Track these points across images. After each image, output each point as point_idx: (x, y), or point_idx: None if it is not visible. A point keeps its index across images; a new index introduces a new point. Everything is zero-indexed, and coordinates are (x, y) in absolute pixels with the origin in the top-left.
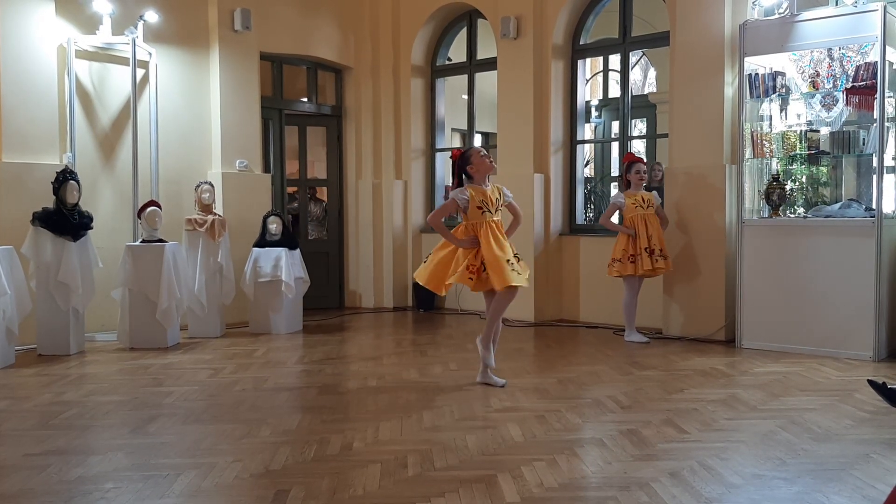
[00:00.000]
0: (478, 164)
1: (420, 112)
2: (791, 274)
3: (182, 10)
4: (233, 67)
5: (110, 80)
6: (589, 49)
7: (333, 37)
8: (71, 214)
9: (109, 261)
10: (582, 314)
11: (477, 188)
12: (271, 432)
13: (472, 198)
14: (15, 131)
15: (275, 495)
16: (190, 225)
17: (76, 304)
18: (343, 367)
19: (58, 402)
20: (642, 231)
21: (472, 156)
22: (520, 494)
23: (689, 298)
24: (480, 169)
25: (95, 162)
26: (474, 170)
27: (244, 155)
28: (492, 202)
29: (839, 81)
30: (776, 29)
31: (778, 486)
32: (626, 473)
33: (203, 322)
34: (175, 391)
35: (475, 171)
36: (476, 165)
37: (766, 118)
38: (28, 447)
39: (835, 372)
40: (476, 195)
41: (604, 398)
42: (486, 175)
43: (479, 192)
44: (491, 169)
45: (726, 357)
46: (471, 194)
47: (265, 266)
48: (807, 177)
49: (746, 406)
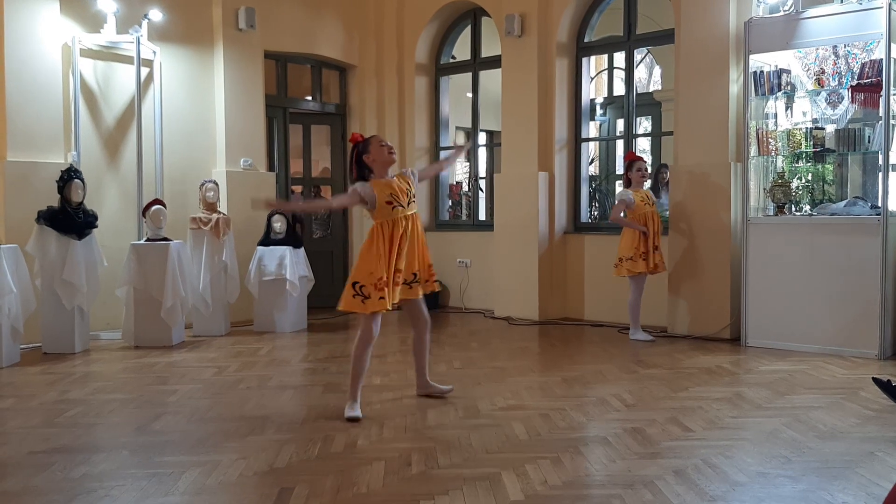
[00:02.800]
0: (375, 154)
1: (424, 110)
2: (796, 272)
3: (186, 9)
4: (237, 66)
5: (115, 79)
6: (593, 47)
7: (338, 35)
8: (76, 213)
9: (114, 259)
10: (587, 312)
11: (380, 182)
12: (275, 430)
13: (377, 193)
14: (20, 130)
15: (279, 493)
16: (194, 223)
17: (81, 302)
18: (347, 366)
19: (62, 401)
20: (651, 228)
21: (371, 144)
22: (524, 492)
23: (695, 297)
24: (378, 160)
25: (100, 161)
26: (371, 160)
27: (248, 153)
28: (402, 194)
29: (844, 79)
30: (781, 26)
31: (783, 484)
32: (631, 472)
33: (208, 320)
34: (179, 389)
35: (373, 162)
36: (373, 155)
37: (771, 116)
38: (33, 445)
39: (840, 370)
40: (382, 189)
41: (608, 396)
42: (388, 167)
43: (384, 185)
44: (392, 161)
45: (731, 355)
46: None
47: (269, 265)
48: (812, 174)
49: (751, 404)
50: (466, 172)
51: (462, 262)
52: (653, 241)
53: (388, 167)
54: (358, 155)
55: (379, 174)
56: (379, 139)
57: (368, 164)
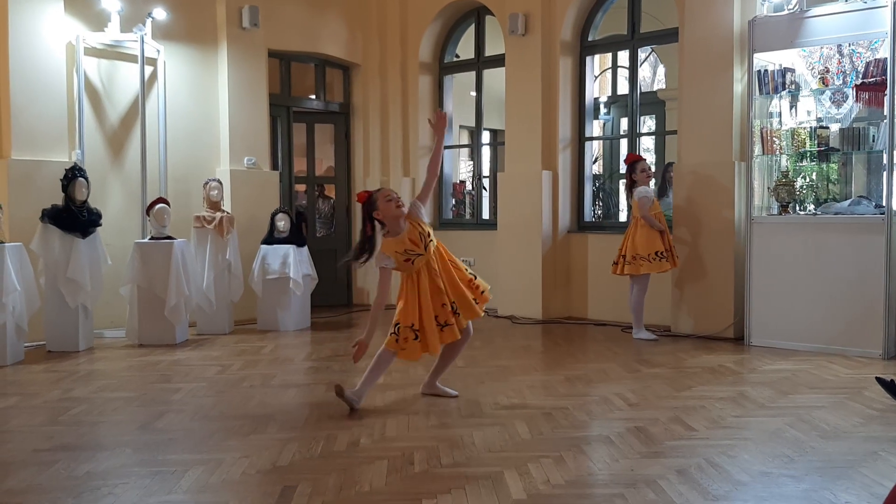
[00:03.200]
0: (384, 210)
1: (428, 109)
2: (800, 271)
3: (190, 8)
4: (241, 65)
5: (119, 78)
6: (597, 45)
7: (341, 34)
8: (80, 211)
9: (118, 258)
10: (590, 311)
11: (392, 240)
12: (279, 429)
13: (393, 256)
14: (24, 129)
15: (282, 491)
16: (198, 222)
17: (85, 300)
18: (350, 364)
19: (66, 399)
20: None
21: (378, 201)
22: (526, 491)
23: (698, 296)
24: (387, 215)
25: (104, 159)
26: (381, 216)
27: (252, 152)
28: (417, 243)
29: (849, 78)
30: (785, 25)
31: (785, 484)
32: (634, 471)
33: (211, 319)
34: (183, 388)
35: (383, 218)
36: (382, 211)
37: (775, 115)
38: (37, 443)
39: (844, 370)
40: (397, 249)
41: (611, 395)
42: (398, 220)
43: (396, 243)
44: (400, 214)
45: (735, 354)
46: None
47: (273, 263)
48: (816, 174)
49: (755, 403)
50: (470, 171)
51: (465, 261)
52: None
53: (399, 220)
54: (367, 212)
55: (391, 228)
56: (385, 194)
57: (379, 220)
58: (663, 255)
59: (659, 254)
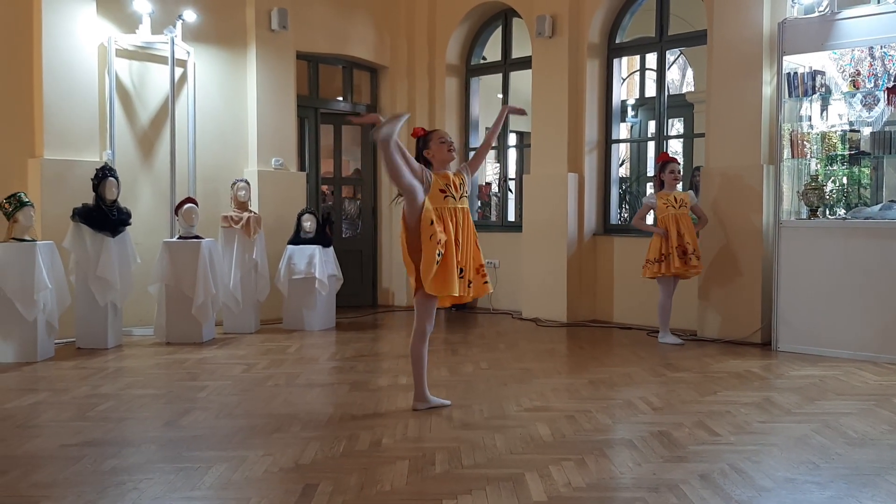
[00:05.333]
0: (436, 150)
1: (455, 111)
2: (829, 276)
3: (220, 10)
4: (269, 67)
5: (149, 79)
6: (625, 48)
7: (369, 36)
8: (110, 211)
9: (147, 257)
10: (616, 315)
11: (438, 172)
12: (302, 427)
13: (435, 179)
14: (56, 129)
15: (303, 489)
16: (226, 222)
17: (114, 298)
18: (374, 365)
19: (94, 395)
20: (673, 231)
21: (432, 140)
22: (547, 494)
23: (725, 300)
24: (437, 156)
25: (134, 159)
26: (431, 155)
27: (280, 153)
28: (455, 187)
29: (881, 81)
30: (816, 27)
31: (810, 491)
32: (656, 475)
33: (238, 318)
34: (209, 385)
35: (432, 158)
36: (433, 151)
37: (805, 118)
38: (64, 438)
39: (873, 376)
40: (439, 179)
41: (635, 399)
42: (446, 164)
43: (441, 175)
44: (451, 158)
45: (762, 360)
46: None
47: (299, 263)
48: (847, 177)
49: (781, 409)
50: (496, 173)
51: (490, 263)
52: (680, 242)
53: (447, 164)
54: (420, 149)
55: (437, 170)
56: (440, 135)
57: (429, 158)
58: (660, 259)
59: (656, 259)
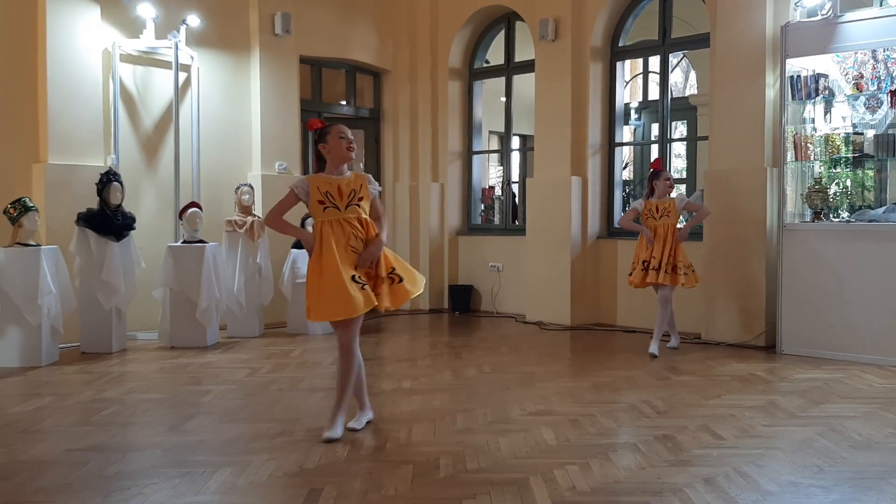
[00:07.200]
0: (333, 146)
1: (457, 115)
2: (833, 279)
3: (223, 15)
4: (273, 71)
5: (153, 84)
6: (628, 51)
7: (371, 40)
8: (114, 215)
9: (151, 261)
10: (619, 318)
11: (322, 177)
12: (306, 432)
13: (312, 190)
14: (60, 134)
15: (308, 494)
16: (230, 226)
17: (118, 303)
18: (378, 369)
19: (99, 400)
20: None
21: (330, 134)
22: (551, 498)
23: (729, 303)
24: (333, 152)
25: (138, 164)
26: (327, 150)
27: (283, 157)
28: (340, 195)
29: (884, 83)
30: (819, 30)
31: (814, 494)
32: (660, 479)
33: (242, 322)
34: (213, 390)
35: (328, 153)
36: (330, 147)
37: (808, 121)
38: (69, 443)
39: (877, 379)
40: (320, 186)
41: (639, 403)
42: (342, 163)
43: (323, 181)
44: (348, 158)
45: (766, 363)
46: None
47: (303, 267)
48: (850, 180)
49: (785, 413)
50: (500, 177)
51: (494, 266)
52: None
53: (343, 163)
54: (314, 143)
55: (331, 168)
56: (340, 130)
57: (323, 154)
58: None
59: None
